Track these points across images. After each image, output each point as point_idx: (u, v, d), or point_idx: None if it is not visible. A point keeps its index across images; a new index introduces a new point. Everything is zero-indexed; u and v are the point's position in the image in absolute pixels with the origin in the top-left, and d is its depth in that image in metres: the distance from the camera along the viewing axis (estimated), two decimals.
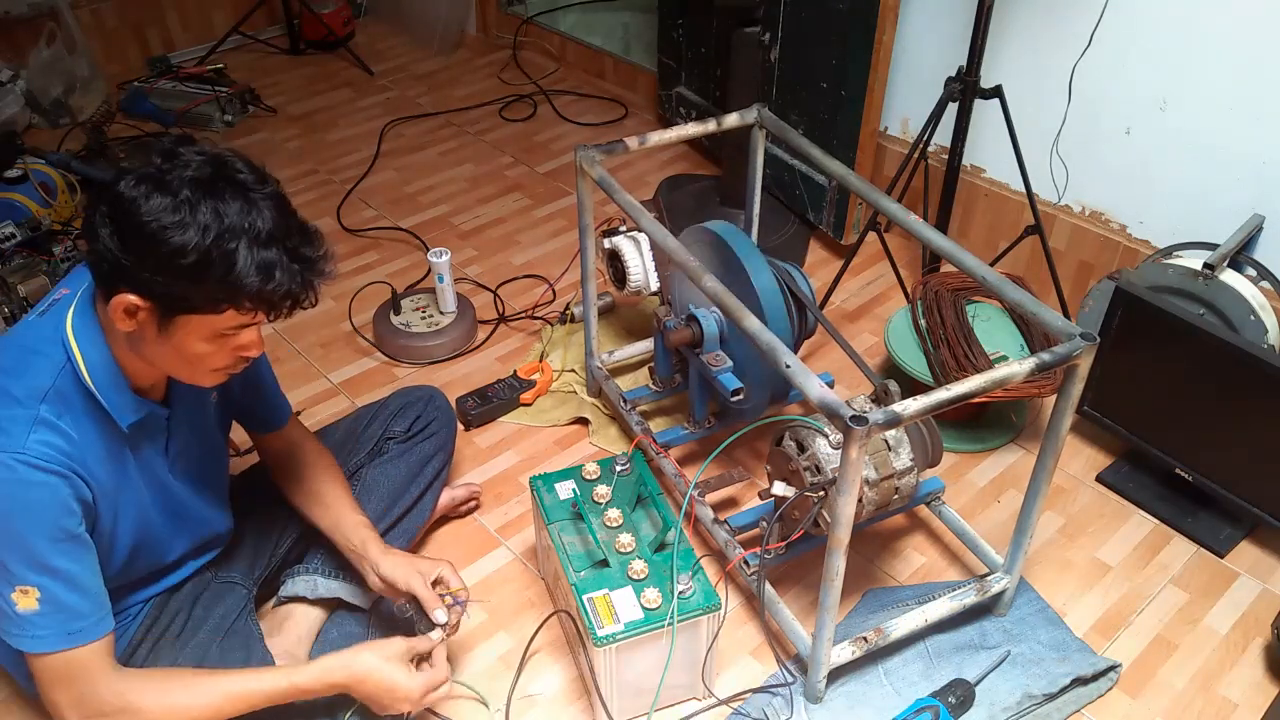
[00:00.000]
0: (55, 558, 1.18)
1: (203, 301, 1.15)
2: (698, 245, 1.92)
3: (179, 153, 1.14)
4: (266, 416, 1.60)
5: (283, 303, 1.18)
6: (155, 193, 1.10)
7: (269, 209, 1.15)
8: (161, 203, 1.10)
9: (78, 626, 1.22)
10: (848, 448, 1.25)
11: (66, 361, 1.21)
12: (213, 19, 3.60)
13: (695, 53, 2.92)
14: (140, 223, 1.10)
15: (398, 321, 2.32)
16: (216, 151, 1.17)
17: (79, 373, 1.21)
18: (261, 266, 1.13)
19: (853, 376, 2.23)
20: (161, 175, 1.11)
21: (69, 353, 1.21)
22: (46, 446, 1.16)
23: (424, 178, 2.96)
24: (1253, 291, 1.92)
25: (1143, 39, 2.05)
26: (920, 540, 1.89)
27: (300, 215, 1.21)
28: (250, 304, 1.16)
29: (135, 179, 1.11)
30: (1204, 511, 1.92)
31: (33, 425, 1.16)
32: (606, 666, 1.47)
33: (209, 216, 1.10)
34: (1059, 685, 1.59)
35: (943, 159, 2.28)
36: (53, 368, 1.20)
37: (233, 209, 1.12)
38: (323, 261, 1.21)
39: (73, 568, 1.20)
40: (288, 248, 1.16)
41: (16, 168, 2.58)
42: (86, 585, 1.22)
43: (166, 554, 1.46)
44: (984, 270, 1.54)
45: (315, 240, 1.21)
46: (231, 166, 1.15)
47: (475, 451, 2.08)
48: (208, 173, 1.13)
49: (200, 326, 1.17)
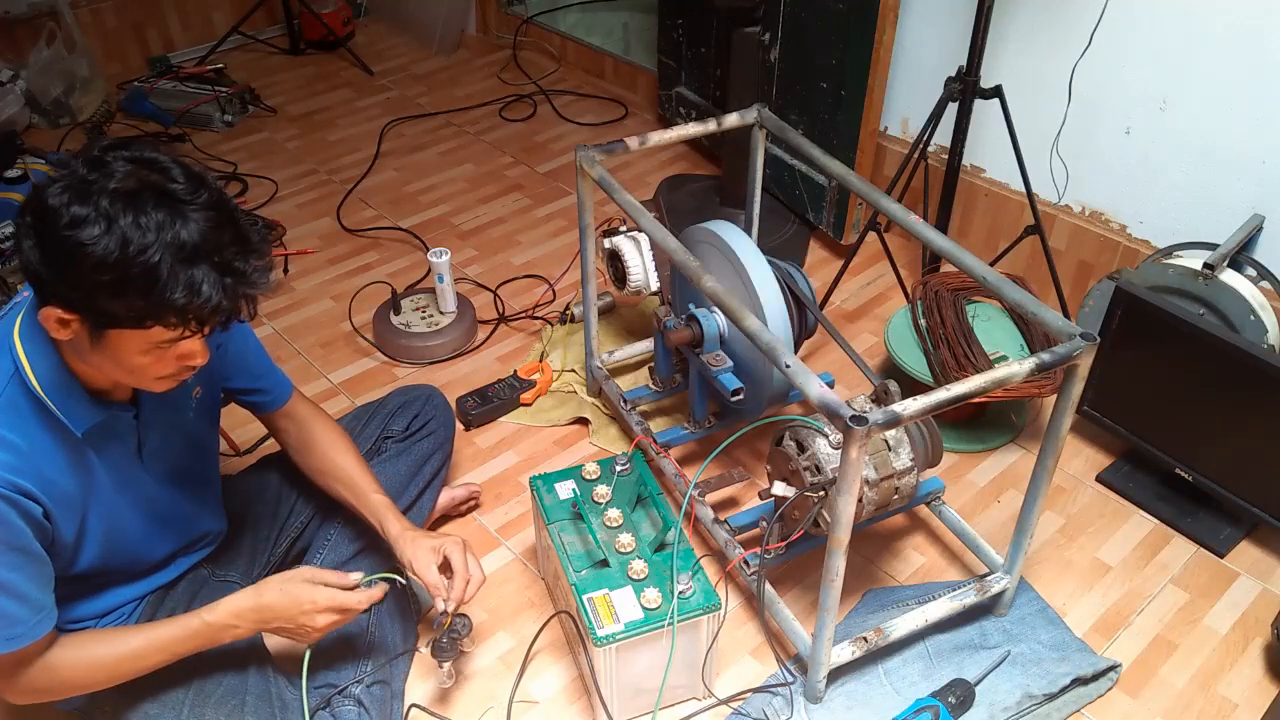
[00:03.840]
0: (2, 570, 1.16)
1: (127, 317, 1.09)
2: (698, 245, 1.92)
3: (106, 161, 1.08)
4: (265, 398, 1.57)
5: (212, 318, 1.12)
6: (75, 204, 1.05)
7: (199, 220, 1.09)
8: (80, 214, 1.04)
9: (17, 632, 1.20)
10: (848, 448, 1.25)
11: (14, 369, 1.18)
12: (213, 19, 3.61)
13: (695, 53, 2.92)
14: (60, 236, 1.05)
15: (398, 321, 2.32)
16: (150, 157, 1.11)
17: (27, 381, 1.17)
18: (186, 283, 1.07)
19: (853, 376, 2.23)
20: (86, 185, 1.06)
21: (16, 360, 1.17)
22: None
23: (424, 178, 2.96)
24: (1253, 291, 1.92)
25: (1143, 39, 2.05)
26: (920, 540, 1.89)
27: (240, 223, 1.14)
28: (176, 320, 1.10)
29: (60, 188, 1.06)
30: (1204, 511, 1.92)
31: None
32: (606, 666, 1.47)
33: (128, 230, 1.05)
34: (1059, 685, 1.59)
35: (943, 159, 2.28)
36: (1, 377, 1.17)
37: (155, 221, 1.06)
38: (257, 274, 1.14)
39: (14, 578, 1.18)
40: (216, 261, 1.10)
41: (16, 168, 2.58)
42: (27, 594, 1.20)
43: (148, 553, 1.44)
44: (984, 270, 1.54)
45: (254, 249, 1.14)
46: (163, 174, 1.10)
47: (475, 451, 2.08)
48: (132, 185, 1.07)
49: (133, 339, 1.12)
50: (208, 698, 1.40)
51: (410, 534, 1.51)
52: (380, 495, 1.55)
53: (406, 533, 1.51)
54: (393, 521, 1.52)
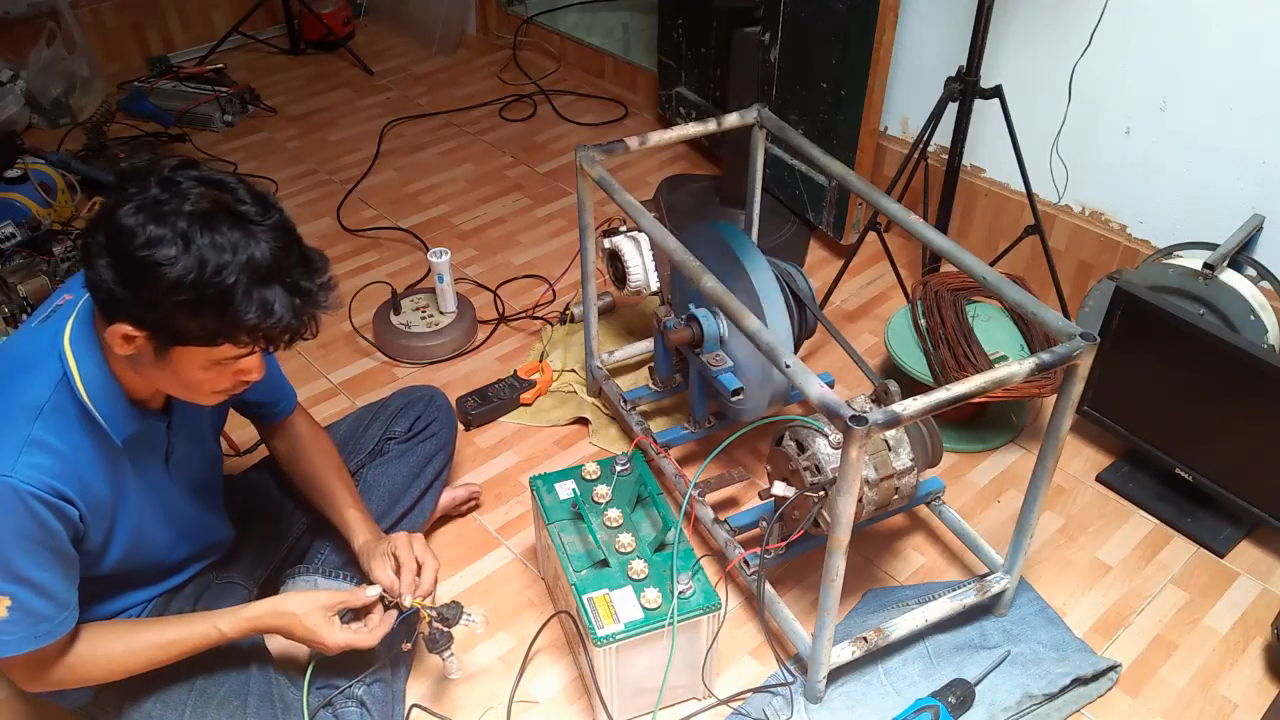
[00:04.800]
0: (32, 570, 1.18)
1: (199, 335, 1.12)
2: (698, 245, 1.91)
3: (178, 181, 1.11)
4: (273, 410, 1.59)
5: (281, 337, 1.16)
6: (151, 224, 1.07)
7: (269, 241, 1.12)
8: (157, 234, 1.07)
9: (44, 629, 1.22)
10: (848, 448, 1.25)
11: (63, 375, 1.19)
12: (213, 19, 3.60)
13: (695, 53, 2.92)
14: (136, 256, 1.07)
15: (398, 321, 2.32)
16: (219, 178, 1.14)
17: (75, 388, 1.19)
18: (259, 302, 1.11)
19: (853, 376, 2.23)
20: (159, 205, 1.09)
21: (65, 367, 1.19)
22: (35, 470, 1.15)
23: (424, 178, 2.96)
24: (1253, 291, 1.92)
25: (1143, 39, 2.05)
26: (920, 540, 1.89)
27: (303, 242, 1.19)
28: (247, 338, 1.14)
29: (134, 208, 1.09)
30: (1204, 511, 1.92)
31: (23, 447, 1.15)
32: (606, 666, 1.47)
33: (205, 250, 1.08)
34: (1059, 685, 1.59)
35: (943, 159, 2.28)
36: (49, 382, 1.19)
37: (230, 242, 1.09)
38: (322, 293, 1.18)
39: (46, 577, 1.20)
40: (286, 282, 1.13)
41: (16, 168, 2.58)
42: (56, 592, 1.22)
43: (166, 557, 1.46)
44: (984, 270, 1.54)
45: (317, 269, 1.18)
46: (233, 195, 1.12)
47: (475, 451, 2.08)
48: (206, 205, 1.10)
49: (198, 356, 1.16)
50: (210, 698, 1.40)
51: (371, 544, 1.52)
52: (355, 510, 1.56)
53: (367, 544, 1.52)
54: (358, 534, 1.54)
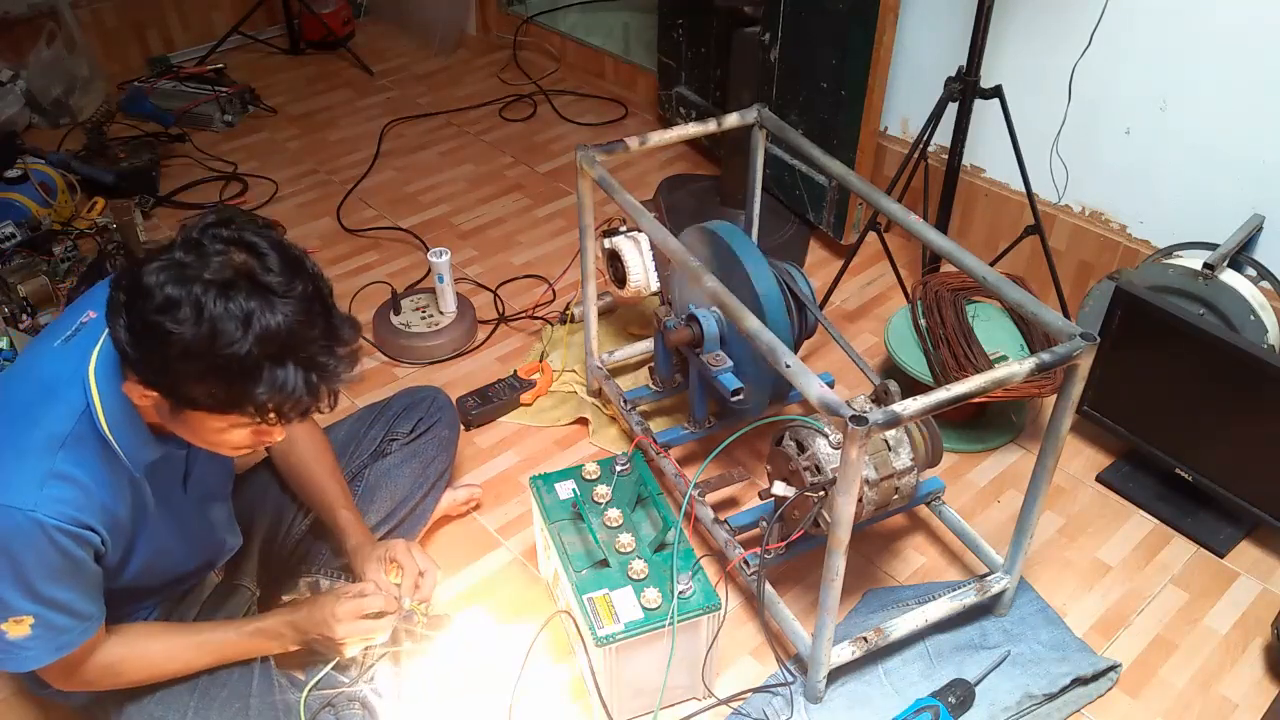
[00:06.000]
0: (55, 592, 1.19)
1: (208, 403, 1.10)
2: (698, 245, 1.92)
3: (203, 245, 1.07)
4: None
5: (293, 412, 1.11)
6: (170, 286, 1.04)
7: (289, 313, 1.06)
8: (174, 298, 1.03)
9: (65, 640, 1.23)
10: (848, 448, 1.25)
11: (86, 406, 1.18)
12: (213, 19, 3.60)
13: (695, 53, 2.92)
14: (148, 318, 1.04)
15: (398, 321, 2.32)
16: (251, 240, 1.09)
17: (97, 420, 1.18)
18: (269, 378, 1.07)
19: (853, 376, 2.23)
20: (182, 269, 1.05)
21: (89, 397, 1.18)
22: (58, 503, 1.14)
23: (424, 178, 2.96)
24: (1253, 291, 1.92)
25: (1143, 39, 2.05)
26: (920, 540, 1.89)
27: (333, 313, 1.13)
28: (255, 411, 1.10)
29: (157, 268, 1.05)
30: (1204, 511, 1.92)
31: (46, 480, 1.14)
32: (607, 666, 1.47)
33: (218, 320, 1.03)
34: (1059, 685, 1.59)
35: (943, 159, 2.28)
36: (71, 413, 1.17)
37: (245, 312, 1.04)
38: (343, 367, 1.13)
39: (70, 597, 1.21)
40: (302, 357, 1.08)
41: (16, 168, 2.58)
42: (79, 607, 1.22)
43: (180, 569, 1.47)
44: (984, 270, 1.54)
45: (342, 340, 1.13)
46: (260, 262, 1.07)
47: (475, 451, 2.08)
48: (228, 274, 1.05)
49: (212, 419, 1.13)
50: (212, 699, 1.40)
51: (364, 548, 1.55)
52: (348, 511, 1.58)
53: (361, 547, 1.55)
54: (351, 536, 1.56)
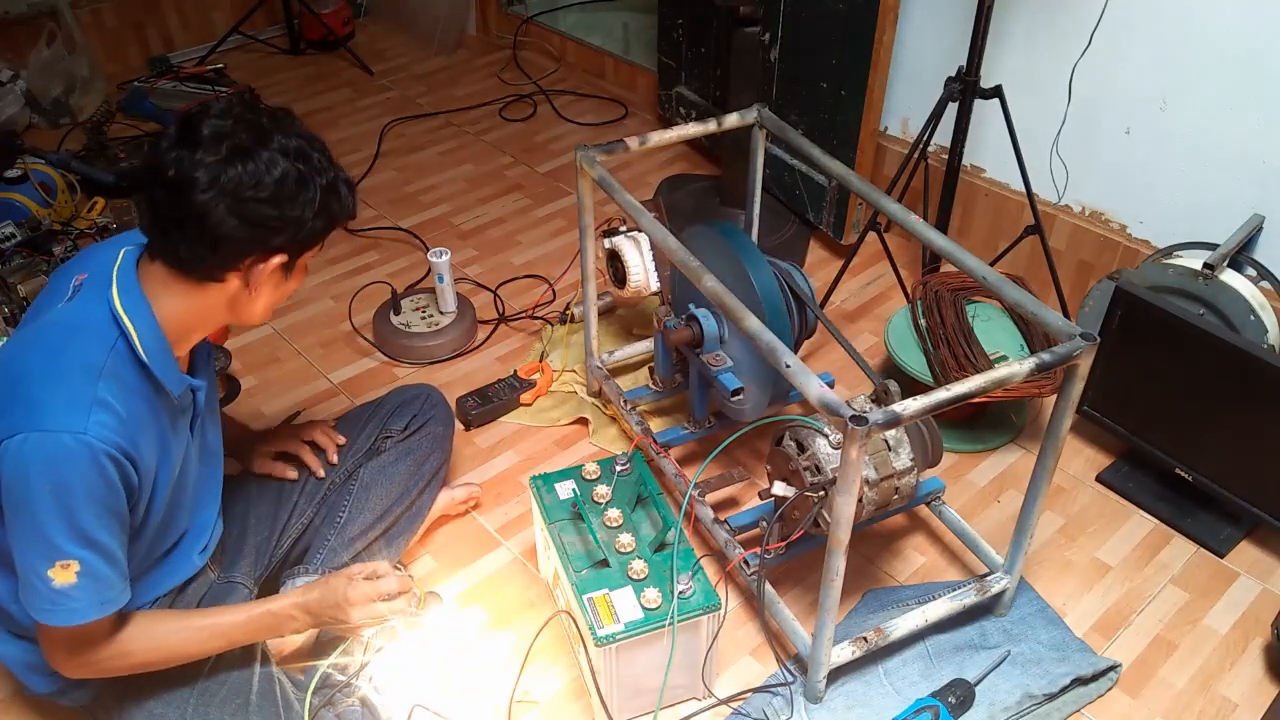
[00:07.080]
0: (99, 532, 1.19)
1: (324, 232, 1.28)
2: (698, 245, 1.92)
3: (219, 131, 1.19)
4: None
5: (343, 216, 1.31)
6: (239, 164, 1.18)
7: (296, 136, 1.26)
8: (283, 170, 1.20)
9: (109, 596, 1.23)
10: (848, 448, 1.25)
11: (118, 338, 1.21)
12: (213, 19, 3.60)
13: (695, 53, 2.92)
14: (247, 196, 1.18)
15: (398, 321, 2.32)
16: (237, 109, 1.23)
17: (133, 348, 1.22)
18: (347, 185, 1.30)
19: (853, 376, 2.23)
20: (232, 152, 1.18)
21: (123, 328, 1.21)
22: (105, 428, 1.17)
23: (424, 178, 2.96)
24: (1253, 291, 1.92)
25: (1143, 39, 2.05)
26: (920, 540, 1.89)
27: None
28: (341, 223, 1.31)
29: (211, 170, 1.17)
30: (1204, 511, 1.92)
31: (92, 406, 1.17)
32: (606, 666, 1.47)
33: (284, 157, 1.21)
34: (1059, 685, 1.59)
35: (943, 159, 2.28)
36: (104, 345, 1.21)
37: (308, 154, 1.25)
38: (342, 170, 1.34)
39: (111, 542, 1.22)
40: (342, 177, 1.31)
41: (16, 168, 2.58)
42: (118, 557, 1.24)
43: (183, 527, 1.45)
44: (984, 270, 1.54)
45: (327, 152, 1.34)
46: (283, 127, 1.25)
47: (475, 451, 2.08)
48: (247, 138, 1.20)
49: (304, 263, 1.30)
50: (212, 697, 1.40)
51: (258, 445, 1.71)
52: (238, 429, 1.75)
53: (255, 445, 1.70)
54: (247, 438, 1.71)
